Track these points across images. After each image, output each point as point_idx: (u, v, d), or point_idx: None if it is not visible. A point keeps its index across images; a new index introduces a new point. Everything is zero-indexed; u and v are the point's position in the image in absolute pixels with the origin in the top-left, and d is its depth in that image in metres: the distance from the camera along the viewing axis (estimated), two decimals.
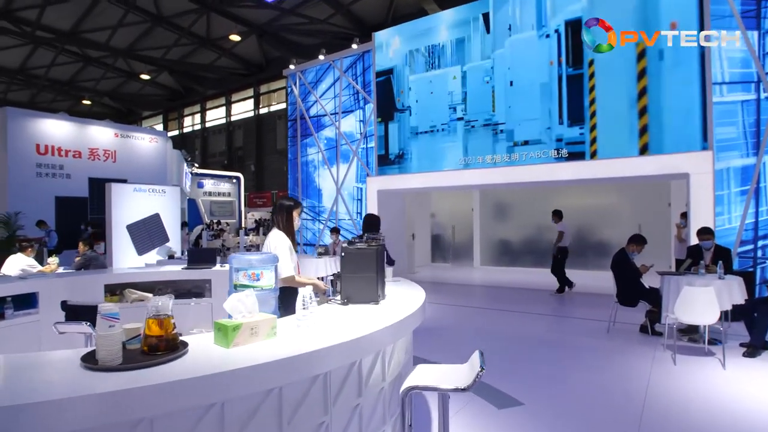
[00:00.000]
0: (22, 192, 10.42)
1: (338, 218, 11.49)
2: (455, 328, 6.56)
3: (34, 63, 22.81)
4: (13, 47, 21.12)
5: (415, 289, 3.36)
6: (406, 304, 2.75)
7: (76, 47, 21.28)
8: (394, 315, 2.48)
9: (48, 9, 17.61)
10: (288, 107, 12.73)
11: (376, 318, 2.42)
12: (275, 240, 3.28)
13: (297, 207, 3.45)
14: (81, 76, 24.76)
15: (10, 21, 18.26)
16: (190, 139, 28.99)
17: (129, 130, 12.91)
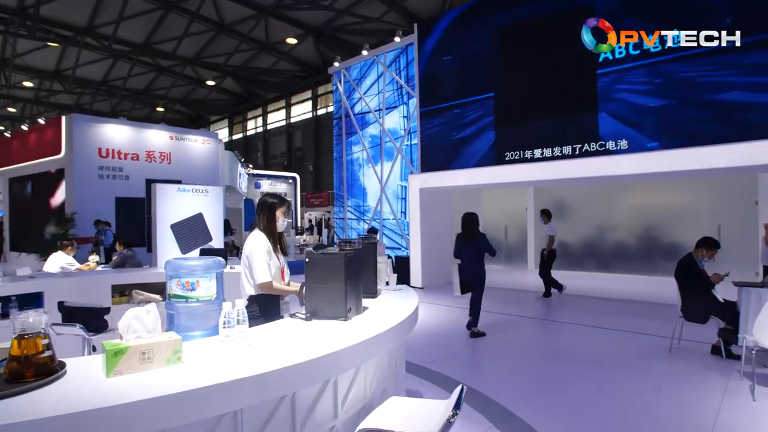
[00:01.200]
0: (85, 193, 11.08)
1: (382, 218, 11.13)
2: (495, 340, 5.94)
3: (114, 75, 24.58)
4: (96, 61, 22.90)
5: (409, 302, 2.88)
6: (384, 322, 2.30)
7: (149, 58, 22.60)
8: (358, 335, 2.05)
9: (122, 24, 18.77)
10: (334, 105, 12.55)
11: (334, 338, 2.01)
12: (251, 242, 2.95)
13: (282, 205, 3.08)
14: (155, 85, 26.35)
15: (93, 37, 19.75)
16: (252, 142, 30.01)
17: (183, 133, 13.37)
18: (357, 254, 2.40)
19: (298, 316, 2.33)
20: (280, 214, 3.05)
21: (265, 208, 3.04)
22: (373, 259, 2.92)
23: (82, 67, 22.86)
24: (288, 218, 3.12)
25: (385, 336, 2.16)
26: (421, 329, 6.46)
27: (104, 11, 17.95)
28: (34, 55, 21.55)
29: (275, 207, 3.04)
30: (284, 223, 3.09)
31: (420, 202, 9.80)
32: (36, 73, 23.60)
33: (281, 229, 3.08)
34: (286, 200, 3.16)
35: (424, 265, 9.76)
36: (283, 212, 3.07)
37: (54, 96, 26.24)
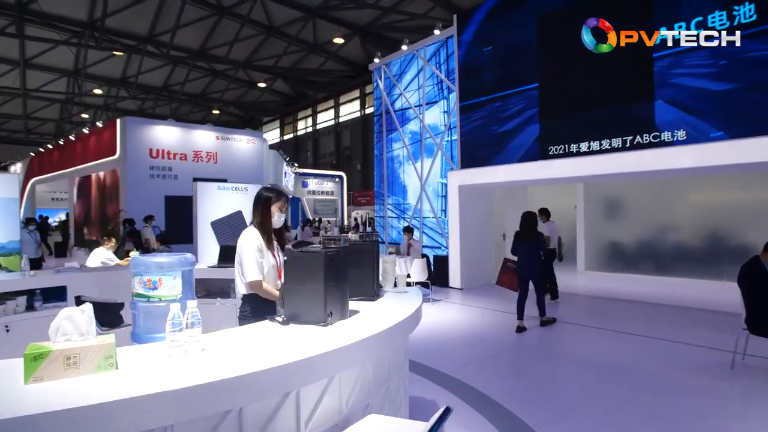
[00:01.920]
0: (137, 192, 11.61)
1: (422, 216, 10.83)
2: (532, 348, 5.53)
3: (173, 80, 25.78)
4: (157, 68, 24.14)
5: (410, 305, 2.62)
6: (370, 328, 2.07)
7: (204, 63, 23.51)
8: (332, 342, 1.83)
9: (179, 32, 19.60)
10: (374, 102, 12.39)
11: (303, 345, 1.80)
12: (241, 238, 2.79)
13: (278, 199, 2.89)
14: (210, 89, 27.40)
15: (153, 45, 20.80)
16: (302, 141, 30.55)
17: (228, 133, 13.73)
18: (341, 253, 2.16)
19: (276, 319, 2.14)
20: (275, 209, 2.87)
21: (260, 202, 2.88)
22: (370, 259, 2.68)
23: (145, 74, 24.16)
24: (285, 213, 2.93)
25: (365, 344, 1.92)
26: (452, 333, 6.15)
27: (163, 20, 18.82)
28: (102, 64, 23.01)
29: (270, 201, 2.86)
30: (280, 219, 2.91)
31: (459, 199, 9.41)
32: (105, 81, 25.21)
33: (277, 225, 2.90)
34: (284, 194, 2.97)
35: (464, 265, 9.37)
36: (279, 207, 2.89)
37: (120, 102, 27.92)
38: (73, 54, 21.52)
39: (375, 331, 2.01)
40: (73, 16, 18.63)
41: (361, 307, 2.51)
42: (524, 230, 6.29)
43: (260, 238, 2.78)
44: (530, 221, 6.28)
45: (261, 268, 2.71)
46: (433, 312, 7.44)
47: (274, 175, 16.48)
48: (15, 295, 3.87)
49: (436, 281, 9.58)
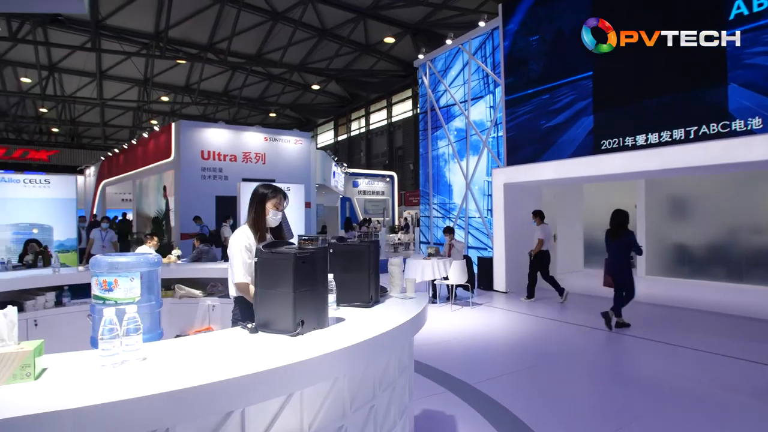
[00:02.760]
0: (190, 192, 12.05)
1: (468, 216, 10.42)
2: (573, 360, 5.03)
3: (233, 85, 26.82)
4: (217, 74, 25.23)
5: (408, 314, 2.35)
6: (346, 339, 1.84)
7: (261, 67, 24.24)
8: (291, 355, 1.62)
9: (237, 38, 20.31)
10: (419, 100, 12.11)
11: (258, 358, 1.61)
12: (232, 237, 2.65)
13: (274, 196, 2.71)
14: (267, 93, 28.24)
15: (213, 52, 21.73)
16: (356, 142, 30.76)
17: (276, 134, 13.96)
18: (316, 255, 1.94)
19: (247, 326, 1.96)
20: (270, 206, 2.69)
21: (255, 199, 2.72)
22: (365, 262, 2.44)
23: (206, 80, 25.30)
24: (281, 212, 2.75)
25: (333, 358, 1.69)
26: (487, 341, 5.76)
27: (221, 28, 19.58)
28: (168, 73, 24.36)
29: (266, 198, 2.69)
30: (276, 218, 2.73)
31: (504, 198, 8.92)
32: (171, 89, 26.69)
33: (272, 224, 2.73)
34: (280, 191, 2.79)
35: (509, 267, 8.87)
36: (275, 204, 2.71)
37: (185, 108, 29.45)
38: (134, 66, 22.97)
39: (348, 344, 1.78)
40: (142, 29, 19.82)
41: (351, 315, 2.28)
42: (614, 229, 6.13)
43: (251, 237, 2.63)
44: (621, 220, 6.08)
45: (249, 270, 2.55)
46: (471, 317, 7.05)
47: (322, 174, 16.60)
48: (45, 291, 4.01)
49: (481, 284, 9.15)
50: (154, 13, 18.49)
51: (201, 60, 21.99)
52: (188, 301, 4.62)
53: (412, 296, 2.78)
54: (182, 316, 4.51)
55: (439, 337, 5.89)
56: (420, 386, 4.11)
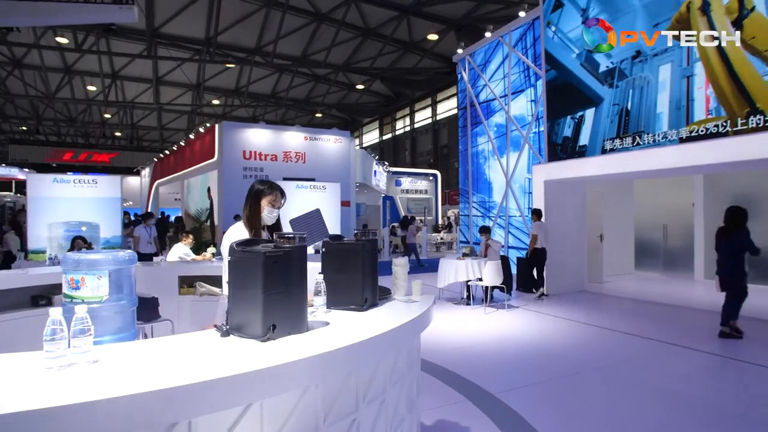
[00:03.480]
0: (232, 192, 12.37)
1: (508, 214, 10.02)
2: (620, 375, 4.63)
3: (280, 87, 27.41)
4: (265, 77, 25.87)
5: (402, 318, 2.18)
6: (321, 346, 1.70)
7: (306, 69, 24.62)
8: (247, 362, 1.50)
9: (283, 41, 20.73)
10: (458, 95, 11.80)
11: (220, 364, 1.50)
12: (226, 234, 2.58)
13: (270, 192, 2.60)
14: (313, 93, 28.67)
15: (260, 55, 22.30)
16: (401, 141, 30.64)
17: (316, 133, 14.08)
18: (291, 255, 1.81)
19: (222, 328, 1.86)
20: (265, 203, 2.59)
21: (251, 195, 2.63)
22: (358, 262, 2.28)
23: (254, 83, 26.02)
24: (278, 209, 2.65)
25: (300, 366, 1.55)
26: (519, 346, 5.44)
27: (268, 31, 20.04)
28: (219, 77, 25.25)
29: (261, 195, 2.59)
30: (272, 215, 2.63)
31: (545, 196, 8.47)
32: (222, 92, 27.66)
33: (268, 222, 2.63)
34: (277, 188, 2.67)
35: (549, 269, 8.41)
36: (270, 201, 2.60)
37: (235, 110, 30.43)
38: (187, 72, 23.94)
39: (321, 350, 1.64)
40: (193, 36, 20.62)
41: (339, 319, 2.14)
42: (728, 227, 5.62)
43: (245, 235, 2.54)
44: (736, 218, 5.54)
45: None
46: (505, 320, 6.72)
47: (362, 173, 16.59)
48: None
49: (520, 286, 8.76)
50: (205, 19, 19.16)
51: (249, 63, 22.62)
52: (208, 298, 4.66)
53: (416, 300, 2.59)
54: (202, 314, 4.55)
55: (466, 340, 5.64)
56: (437, 393, 3.91)
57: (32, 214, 7.69)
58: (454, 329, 6.21)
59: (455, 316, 6.99)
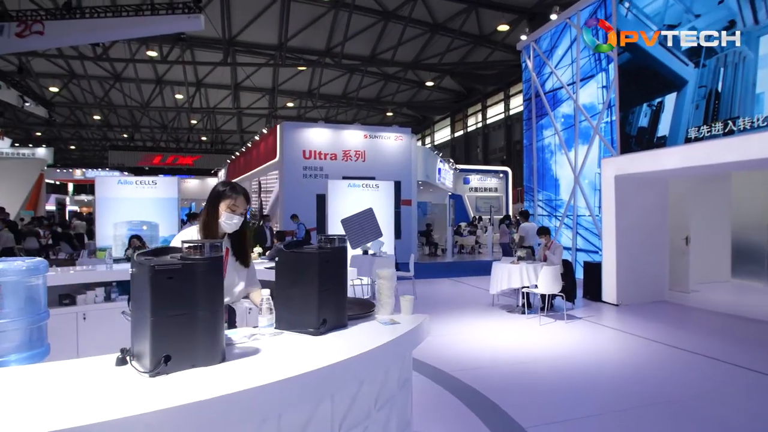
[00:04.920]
0: (292, 191, 12.52)
1: (576, 213, 9.09)
2: (704, 408, 3.85)
3: (351, 88, 27.69)
4: (336, 78, 26.26)
5: (363, 346, 1.79)
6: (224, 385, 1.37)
7: (375, 68, 24.62)
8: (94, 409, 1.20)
9: (352, 41, 20.88)
10: (523, 86, 10.96)
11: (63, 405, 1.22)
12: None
13: (230, 196, 2.25)
14: (384, 92, 28.64)
15: (330, 57, 22.65)
16: (473, 138, 29.71)
17: (376, 131, 13.82)
18: (192, 269, 1.48)
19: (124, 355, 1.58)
20: (224, 207, 2.24)
21: (210, 197, 2.30)
22: (313, 276, 1.90)
23: (326, 84, 26.52)
24: (239, 216, 2.27)
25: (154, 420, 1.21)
26: (578, 366, 4.73)
27: (336, 33, 20.27)
28: (292, 80, 26.04)
29: (220, 198, 2.25)
30: (230, 222, 2.26)
31: (616, 193, 7.49)
32: (296, 95, 28.52)
33: (226, 229, 2.28)
34: (240, 191, 2.30)
35: (621, 275, 7.43)
36: (230, 206, 2.24)
37: (309, 112, 31.25)
38: (263, 76, 24.91)
39: (192, 399, 1.27)
40: (267, 42, 21.39)
41: (279, 347, 1.78)
42: None
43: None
44: None
45: None
46: (562, 333, 5.95)
47: (425, 171, 16.09)
48: (97, 286, 4.21)
49: (587, 293, 7.87)
50: (277, 26, 19.78)
51: (319, 65, 23.04)
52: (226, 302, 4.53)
53: (398, 321, 2.17)
54: None
55: (510, 356, 5.02)
56: (461, 420, 3.43)
57: (99, 214, 8.21)
58: (499, 342, 5.60)
59: (505, 326, 6.35)
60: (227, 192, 2.27)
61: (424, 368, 4.56)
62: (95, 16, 11.84)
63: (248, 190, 8.68)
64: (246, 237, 2.40)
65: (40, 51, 20.40)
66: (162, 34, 15.21)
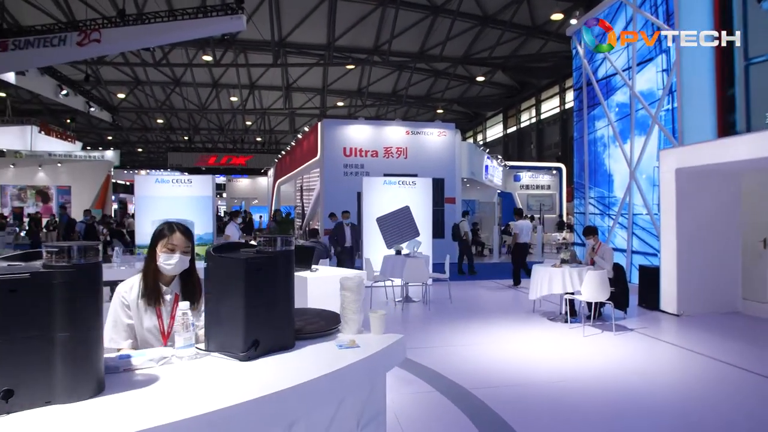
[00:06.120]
0: (333, 189, 12.36)
1: (632, 212, 8.23)
2: None
3: (400, 85, 27.39)
4: (386, 76, 26.06)
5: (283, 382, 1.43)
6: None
7: (424, 64, 24.16)
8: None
9: (400, 38, 20.61)
10: (573, 74, 10.13)
11: None
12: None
13: (164, 235, 2.00)
14: (434, 89, 28.10)
15: (378, 55, 22.48)
16: (526, 133, 28.52)
17: (418, 127, 13.39)
18: (56, 278, 1.19)
19: None
20: (160, 248, 1.98)
21: (151, 239, 2.05)
22: (239, 289, 1.55)
23: (375, 83, 26.39)
24: (179, 255, 1.98)
25: None
26: (615, 390, 4.08)
27: (384, 31, 20.04)
28: (341, 80, 26.12)
29: (156, 239, 2.00)
30: (169, 263, 1.97)
31: (677, 188, 6.60)
32: (346, 94, 28.61)
33: (168, 271, 1.99)
34: (179, 227, 2.04)
35: (682, 281, 6.54)
36: (166, 245, 1.98)
37: (359, 111, 31.26)
38: (314, 77, 25.15)
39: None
40: (316, 42, 21.52)
41: (186, 375, 1.45)
42: None
43: (136, 290, 1.99)
44: None
45: (124, 332, 1.96)
46: (610, 347, 5.25)
47: (470, 168, 15.42)
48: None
49: (644, 300, 7.05)
50: (325, 25, 19.83)
51: (368, 63, 22.91)
52: None
53: (358, 345, 1.77)
54: None
55: (541, 373, 4.44)
56: None
57: (139, 212, 8.40)
58: (535, 355, 5.02)
59: (544, 335, 5.74)
60: (163, 231, 2.02)
61: (441, 382, 4.13)
62: (145, 23, 12.27)
63: (295, 188, 8.16)
64: (195, 282, 2.09)
65: (107, 59, 21.75)
66: (208, 36, 15.60)
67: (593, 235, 6.44)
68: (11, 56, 13.16)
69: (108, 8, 15.98)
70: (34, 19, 15.76)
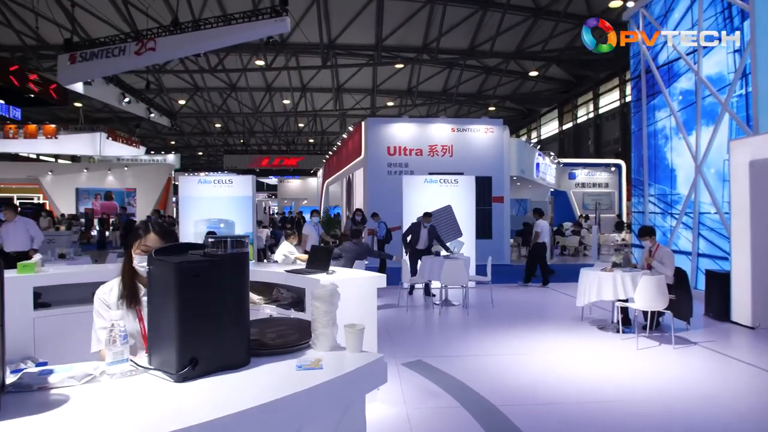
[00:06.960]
0: (377, 188, 12.15)
1: (698, 210, 7.40)
2: None
3: (450, 83, 26.87)
4: (435, 75, 25.64)
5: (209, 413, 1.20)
6: None
7: (475, 60, 23.54)
8: None
9: (450, 35, 20.19)
10: (630, 61, 9.32)
11: None
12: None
13: (139, 236, 1.93)
14: (485, 86, 27.33)
15: (426, 53, 22.15)
16: (583, 129, 27.07)
17: (465, 124, 12.92)
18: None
19: None
20: (135, 248, 1.91)
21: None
22: (170, 296, 1.32)
23: (425, 81, 26.03)
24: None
25: None
26: (689, 412, 3.56)
27: (433, 28, 19.70)
28: (391, 79, 25.99)
29: (132, 240, 1.93)
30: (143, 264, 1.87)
31: (751, 183, 5.80)
32: (396, 94, 28.45)
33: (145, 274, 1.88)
34: (153, 228, 1.95)
35: (758, 288, 5.73)
36: (142, 248, 1.89)
37: (410, 110, 30.98)
38: (363, 77, 25.16)
39: None
40: (365, 42, 21.52)
41: (98, 400, 1.24)
42: None
43: (114, 293, 1.92)
44: None
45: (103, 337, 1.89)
46: (667, 363, 4.64)
47: (519, 165, 14.70)
48: None
49: (710, 310, 6.29)
50: (373, 26, 19.77)
51: (417, 62, 22.63)
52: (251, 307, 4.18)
53: (321, 367, 1.50)
54: None
55: (585, 390, 3.95)
56: None
57: (182, 213, 8.58)
58: (579, 368, 4.52)
59: (592, 347, 5.20)
60: (138, 231, 1.95)
61: (468, 396, 3.78)
62: (196, 30, 12.69)
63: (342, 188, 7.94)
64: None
65: (167, 66, 22.87)
66: (255, 40, 15.92)
67: (650, 237, 5.79)
68: (78, 68, 14.08)
69: (167, 18, 16.73)
70: (103, 32, 16.78)
